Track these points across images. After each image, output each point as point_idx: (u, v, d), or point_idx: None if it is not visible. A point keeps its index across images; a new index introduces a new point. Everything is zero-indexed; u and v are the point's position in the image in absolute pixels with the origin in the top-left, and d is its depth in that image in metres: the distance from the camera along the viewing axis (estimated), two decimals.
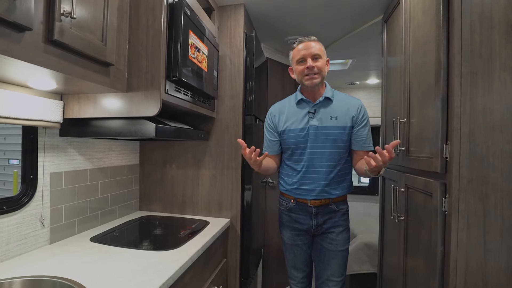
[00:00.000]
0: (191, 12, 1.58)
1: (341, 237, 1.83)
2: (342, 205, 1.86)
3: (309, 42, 1.79)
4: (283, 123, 1.87)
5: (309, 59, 1.75)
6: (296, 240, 1.91)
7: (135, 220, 2.02)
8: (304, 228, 1.86)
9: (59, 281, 1.10)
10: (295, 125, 1.83)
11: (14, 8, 0.81)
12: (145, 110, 1.38)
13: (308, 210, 1.83)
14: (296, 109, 1.86)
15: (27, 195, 1.35)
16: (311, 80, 1.76)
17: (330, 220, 1.83)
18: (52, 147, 1.49)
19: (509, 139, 1.18)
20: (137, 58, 1.40)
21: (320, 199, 1.80)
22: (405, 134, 1.76)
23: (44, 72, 1.03)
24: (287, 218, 1.92)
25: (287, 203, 1.90)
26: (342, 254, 1.83)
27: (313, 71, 1.75)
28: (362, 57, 3.54)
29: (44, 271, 1.18)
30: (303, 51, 1.77)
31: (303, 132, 1.80)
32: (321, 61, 1.77)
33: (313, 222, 1.83)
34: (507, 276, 1.18)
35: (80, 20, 1.05)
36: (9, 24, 0.82)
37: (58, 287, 1.09)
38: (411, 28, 1.71)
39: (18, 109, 1.22)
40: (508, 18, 1.17)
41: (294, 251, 1.92)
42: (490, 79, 1.20)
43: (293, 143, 1.83)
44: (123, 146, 2.07)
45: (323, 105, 1.81)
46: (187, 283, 1.42)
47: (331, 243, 1.82)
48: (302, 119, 1.82)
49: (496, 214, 1.19)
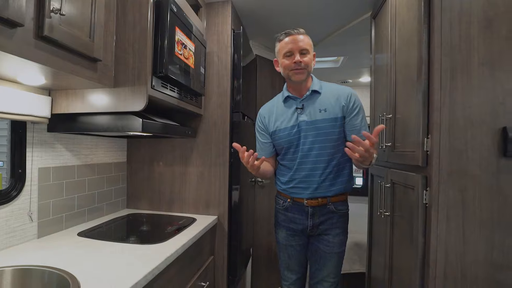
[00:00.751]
0: (178, 9, 1.67)
1: (338, 239, 1.83)
2: (341, 206, 1.84)
3: (297, 35, 1.78)
4: (273, 123, 1.89)
5: (297, 53, 1.75)
6: (291, 241, 1.92)
7: (122, 217, 2.11)
8: (300, 229, 1.87)
9: (48, 270, 1.18)
10: (285, 123, 1.84)
11: (7, 5, 0.89)
12: (132, 105, 1.47)
13: (305, 210, 1.83)
14: (284, 107, 1.88)
15: (16, 188, 1.43)
16: (298, 75, 1.77)
17: (327, 222, 1.82)
18: (40, 142, 1.58)
19: (487, 132, 1.26)
20: (124, 54, 1.49)
21: (317, 197, 1.80)
22: (391, 129, 1.83)
23: (34, 67, 1.12)
24: (283, 218, 1.93)
25: (284, 202, 1.91)
26: (338, 256, 1.84)
27: (301, 66, 1.75)
28: (354, 54, 3.64)
29: (33, 262, 1.26)
30: (290, 44, 1.76)
31: (294, 130, 1.81)
32: (309, 56, 1.78)
33: (309, 222, 1.83)
34: (485, 267, 1.26)
35: (69, 17, 1.14)
36: (2, 21, 0.90)
37: (47, 275, 1.17)
38: (396, 24, 1.79)
39: (7, 103, 1.30)
40: (486, 14, 1.26)
41: (288, 252, 1.94)
42: (469, 74, 1.28)
43: (286, 142, 1.84)
44: (110, 143, 2.16)
45: (311, 99, 1.81)
46: (172, 276, 1.51)
47: (327, 245, 1.82)
48: (291, 116, 1.83)
49: (474, 206, 1.27)
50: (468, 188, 1.28)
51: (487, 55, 1.27)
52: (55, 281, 1.15)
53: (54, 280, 1.15)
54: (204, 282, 1.93)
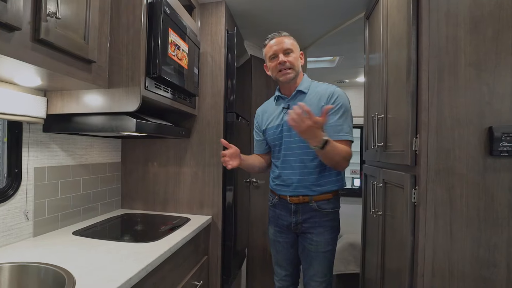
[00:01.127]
0: (171, 11, 1.73)
1: (322, 238, 1.85)
2: (325, 204, 1.86)
3: (280, 37, 1.88)
4: (265, 121, 2.02)
5: (280, 54, 1.84)
6: (278, 236, 2.01)
7: (116, 217, 2.17)
8: (285, 225, 1.94)
9: (44, 266, 1.24)
10: (273, 122, 1.96)
11: (5, 10, 0.95)
12: (125, 105, 1.53)
13: (288, 207, 1.91)
14: (274, 106, 2.00)
15: (12, 187, 1.49)
16: (285, 76, 1.85)
17: (310, 220, 1.86)
18: (36, 142, 1.64)
19: (473, 131, 1.31)
20: (118, 55, 1.55)
21: (298, 195, 1.86)
22: (383, 130, 1.88)
23: (31, 69, 1.18)
24: (272, 214, 2.04)
25: (273, 199, 2.02)
26: (324, 256, 1.87)
27: (286, 66, 1.83)
28: (350, 54, 3.71)
29: (29, 259, 1.32)
30: (274, 46, 1.87)
31: (278, 129, 1.92)
32: (293, 55, 1.86)
33: (292, 219, 1.90)
34: (472, 264, 1.31)
35: (64, 20, 1.20)
36: (0, 25, 0.96)
37: (43, 271, 1.24)
38: (388, 25, 1.84)
39: (4, 104, 1.36)
40: (472, 15, 1.31)
41: (276, 247, 2.03)
42: (456, 75, 1.32)
43: (271, 140, 1.97)
44: (105, 144, 2.22)
45: (296, 99, 1.90)
46: (166, 273, 1.57)
47: (311, 244, 1.87)
48: (278, 115, 1.94)
49: (461, 205, 1.32)
50: (455, 187, 1.32)
51: (473, 56, 1.31)
52: (51, 277, 1.21)
53: (50, 276, 1.21)
54: (198, 281, 1.99)
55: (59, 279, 1.17)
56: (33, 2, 1.08)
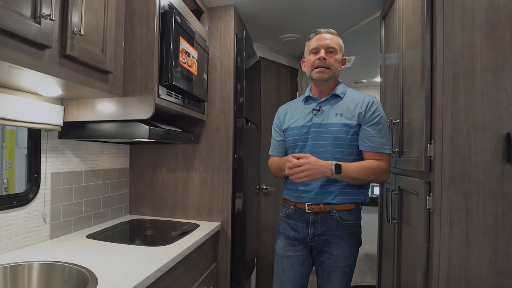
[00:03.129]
0: (181, 19, 1.98)
1: (342, 252, 1.87)
2: (347, 216, 1.87)
3: (325, 33, 1.93)
4: (288, 120, 2.07)
5: (322, 50, 1.88)
6: (289, 250, 1.98)
7: (125, 223, 2.43)
8: (300, 237, 1.94)
9: (68, 265, 1.49)
10: (297, 122, 2.00)
11: (40, 31, 1.20)
12: (139, 113, 1.78)
13: (306, 217, 1.90)
14: (302, 106, 2.04)
15: (32, 191, 1.75)
16: (321, 74, 1.89)
17: (329, 232, 1.87)
18: (52, 148, 1.90)
19: (490, 137, 1.39)
20: (132, 65, 1.80)
21: (318, 203, 1.86)
22: (399, 135, 2.01)
23: (54, 81, 1.43)
24: (284, 225, 2.03)
25: (287, 209, 2.02)
26: (343, 270, 1.88)
27: (324, 64, 1.87)
28: (366, 53, 3.89)
29: (51, 259, 1.56)
30: (317, 41, 1.91)
31: (303, 130, 1.95)
32: (335, 56, 1.91)
33: (309, 231, 1.89)
34: (489, 272, 1.38)
35: (86, 36, 1.45)
36: (35, 44, 1.21)
37: (67, 270, 1.48)
38: (404, 27, 1.96)
39: (27, 113, 1.62)
40: (489, 20, 1.40)
41: (284, 264, 1.99)
42: (472, 79, 1.41)
43: (292, 140, 1.99)
44: (114, 149, 2.48)
45: (330, 102, 1.95)
46: (178, 276, 1.81)
47: (329, 258, 1.89)
48: (306, 116, 1.98)
49: (478, 211, 1.39)
50: (472, 194, 1.40)
51: (490, 61, 1.39)
52: (75, 275, 1.46)
53: (74, 274, 1.46)
54: (207, 287, 2.22)
55: (82, 277, 1.41)
56: (60, 22, 1.33)
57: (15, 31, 1.09)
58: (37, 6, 1.18)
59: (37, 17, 1.18)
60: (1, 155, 3.94)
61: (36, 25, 1.18)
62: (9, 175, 4.00)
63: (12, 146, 4.02)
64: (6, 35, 1.08)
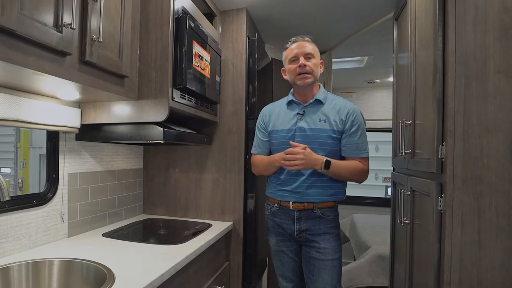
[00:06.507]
0: (195, 24, 2.05)
1: (330, 245, 2.03)
2: (328, 212, 2.07)
3: (303, 41, 2.10)
4: (272, 123, 2.20)
5: (301, 57, 2.05)
6: (281, 246, 2.18)
7: (139, 222, 2.52)
8: (288, 233, 2.12)
9: (86, 262, 1.58)
10: (282, 125, 2.14)
11: (62, 40, 1.29)
12: (154, 116, 1.86)
13: (291, 214, 2.08)
14: (286, 110, 2.19)
15: (51, 191, 1.85)
16: (304, 80, 2.06)
17: (315, 227, 2.05)
18: (70, 150, 1.99)
19: (503, 139, 1.39)
20: (147, 69, 1.89)
21: (303, 202, 2.05)
22: (411, 136, 2.02)
23: (74, 86, 1.51)
24: (271, 223, 2.21)
25: (271, 207, 2.20)
26: (332, 264, 2.02)
27: (306, 70, 2.04)
28: (380, 53, 3.89)
29: (70, 256, 1.65)
30: (296, 50, 2.08)
31: (289, 133, 2.10)
32: (314, 61, 2.07)
33: (295, 227, 2.08)
34: (502, 273, 1.38)
35: (104, 42, 1.53)
36: (57, 52, 1.30)
37: (86, 266, 1.57)
38: (416, 28, 1.97)
39: (47, 116, 1.72)
40: (502, 22, 1.39)
41: (281, 258, 2.21)
42: (484, 81, 1.41)
43: (278, 143, 2.14)
44: (128, 151, 2.58)
45: (313, 107, 2.10)
46: (191, 274, 1.89)
47: (318, 252, 2.03)
48: (290, 120, 2.13)
49: (490, 213, 1.40)
50: (484, 195, 1.41)
51: (503, 63, 1.39)
52: (92, 271, 1.54)
53: (92, 270, 1.55)
54: (220, 286, 2.30)
55: (100, 273, 1.50)
56: (80, 30, 1.41)
57: (39, 40, 1.18)
58: (59, 15, 1.27)
59: (59, 26, 1.27)
60: (16, 156, 4.08)
61: (58, 34, 1.27)
62: (24, 175, 4.14)
63: (27, 147, 4.16)
64: (30, 44, 1.18)
